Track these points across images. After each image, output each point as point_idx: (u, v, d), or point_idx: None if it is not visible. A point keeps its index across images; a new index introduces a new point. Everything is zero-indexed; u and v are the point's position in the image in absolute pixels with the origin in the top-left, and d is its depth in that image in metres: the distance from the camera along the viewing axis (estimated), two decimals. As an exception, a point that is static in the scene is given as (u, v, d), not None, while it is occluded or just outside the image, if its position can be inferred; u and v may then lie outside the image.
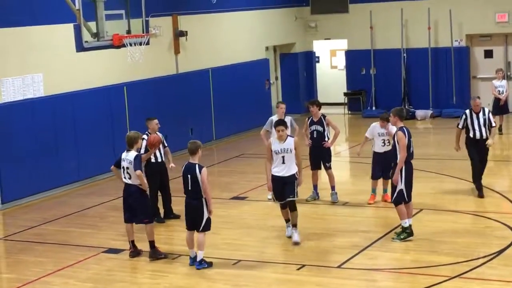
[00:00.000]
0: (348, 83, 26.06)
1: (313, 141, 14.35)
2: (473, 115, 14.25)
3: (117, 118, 17.94)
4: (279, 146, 11.81)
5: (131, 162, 11.41)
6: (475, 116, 14.22)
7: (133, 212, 11.59)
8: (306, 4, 26.21)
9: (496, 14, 23.67)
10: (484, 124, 14.19)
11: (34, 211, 15.05)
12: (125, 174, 11.54)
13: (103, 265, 11.52)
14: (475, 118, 14.21)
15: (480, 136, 14.23)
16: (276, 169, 11.87)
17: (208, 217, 11.01)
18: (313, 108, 14.24)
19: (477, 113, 14.23)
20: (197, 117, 20.66)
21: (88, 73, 17.34)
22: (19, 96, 15.74)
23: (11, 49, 15.60)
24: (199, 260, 11.05)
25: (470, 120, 14.25)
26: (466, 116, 14.30)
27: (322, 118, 14.25)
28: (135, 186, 11.50)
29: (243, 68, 22.74)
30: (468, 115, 14.30)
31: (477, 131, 14.19)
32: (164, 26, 19.31)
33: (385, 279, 10.53)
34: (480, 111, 14.27)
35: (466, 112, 14.36)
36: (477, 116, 14.22)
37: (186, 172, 11.02)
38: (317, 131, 14.27)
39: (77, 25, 15.67)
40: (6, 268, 11.94)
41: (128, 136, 11.73)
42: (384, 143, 13.79)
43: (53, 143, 16.36)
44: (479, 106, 14.26)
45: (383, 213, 13.62)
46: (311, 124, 14.33)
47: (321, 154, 14.34)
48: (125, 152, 11.62)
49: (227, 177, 17.24)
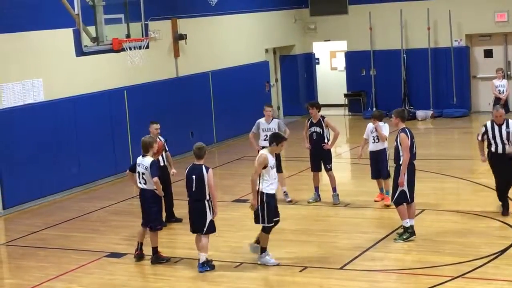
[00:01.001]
0: (348, 84, 26.05)
1: (313, 143, 14.35)
2: (494, 127, 12.61)
3: (117, 122, 17.93)
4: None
5: (147, 168, 11.36)
6: (497, 129, 12.59)
7: (148, 218, 11.56)
8: (305, 6, 26.21)
9: (495, 14, 23.67)
10: (508, 137, 12.54)
11: (35, 216, 15.05)
12: (140, 179, 11.47)
13: (105, 270, 11.51)
14: (497, 131, 12.57)
15: (503, 150, 12.63)
16: (274, 186, 11.11)
17: (211, 219, 11.00)
18: (313, 110, 14.26)
19: (499, 125, 12.62)
20: (197, 120, 20.66)
21: (88, 78, 17.34)
22: (20, 102, 15.74)
23: (11, 54, 15.60)
24: (202, 263, 11.05)
25: (491, 133, 12.62)
26: (486, 129, 12.67)
27: (321, 119, 14.26)
28: (150, 191, 11.45)
29: (243, 71, 22.73)
30: (489, 128, 12.65)
31: (500, 145, 12.58)
32: (164, 29, 19.29)
33: (387, 280, 10.52)
34: (503, 122, 12.61)
35: (487, 124, 12.69)
36: (499, 128, 12.59)
37: (191, 173, 10.98)
38: (317, 132, 14.28)
39: (76, 30, 15.64)
40: (9, 274, 11.94)
41: (143, 141, 11.65)
42: (374, 139, 13.87)
43: (53, 148, 16.35)
44: (502, 117, 12.63)
45: (385, 214, 13.61)
46: (311, 126, 14.35)
47: (321, 155, 14.35)
48: (141, 157, 11.57)
49: (228, 180, 17.23)
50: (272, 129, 14.37)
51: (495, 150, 12.62)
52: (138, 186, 11.60)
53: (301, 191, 15.15)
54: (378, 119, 13.86)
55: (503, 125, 12.54)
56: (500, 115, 12.54)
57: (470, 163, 17.25)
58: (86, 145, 17.11)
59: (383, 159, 13.87)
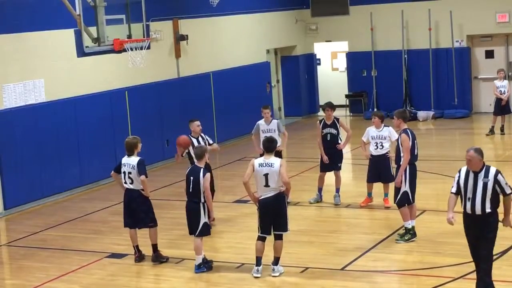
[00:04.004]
0: (350, 85, 26.05)
1: (326, 144, 14.30)
2: (469, 174, 8.93)
3: (118, 123, 17.94)
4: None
5: (134, 167, 11.38)
6: (472, 177, 8.91)
7: (136, 218, 11.55)
8: (306, 7, 26.22)
9: (496, 15, 23.67)
10: (485, 191, 8.80)
11: (36, 217, 15.05)
12: (126, 179, 11.48)
13: (106, 270, 11.52)
14: (471, 179, 8.90)
15: (473, 210, 8.93)
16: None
17: (205, 222, 10.97)
18: (329, 111, 14.20)
19: (475, 173, 8.90)
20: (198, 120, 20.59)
21: (89, 78, 17.35)
22: (21, 102, 15.75)
23: (12, 55, 15.61)
24: (198, 264, 11.05)
25: (463, 182, 8.94)
26: (459, 176, 9.04)
27: (336, 121, 14.24)
28: (137, 191, 11.46)
29: (244, 72, 22.74)
30: (462, 174, 9.01)
31: (470, 201, 8.90)
32: (165, 30, 19.31)
33: (388, 281, 10.53)
34: (482, 169, 8.89)
35: (461, 170, 9.05)
36: (474, 177, 8.89)
37: (190, 174, 11.01)
38: (331, 134, 14.26)
39: (77, 30, 15.63)
40: (10, 274, 11.94)
41: (127, 142, 11.64)
42: (376, 146, 13.79)
43: (54, 148, 16.36)
44: (473, 162, 8.82)
45: (385, 215, 13.61)
46: (324, 127, 14.29)
47: (334, 155, 14.31)
48: (126, 157, 11.57)
49: (229, 180, 17.24)
50: (271, 130, 14.40)
51: (463, 207, 9.07)
52: (123, 186, 11.58)
53: (302, 192, 15.15)
54: (380, 118, 13.80)
55: (480, 173, 8.89)
56: (469, 158, 8.85)
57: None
58: (87, 146, 17.12)
59: (386, 165, 13.77)
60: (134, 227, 11.64)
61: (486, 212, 8.87)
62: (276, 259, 10.73)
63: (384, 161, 13.71)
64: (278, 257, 10.71)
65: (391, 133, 13.59)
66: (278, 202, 10.52)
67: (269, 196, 10.50)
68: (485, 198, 8.82)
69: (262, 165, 10.53)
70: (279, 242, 10.65)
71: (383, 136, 13.67)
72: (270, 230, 10.65)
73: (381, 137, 13.68)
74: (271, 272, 10.70)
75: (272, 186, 10.47)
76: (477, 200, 8.84)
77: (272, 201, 10.50)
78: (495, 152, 19.51)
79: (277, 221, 10.58)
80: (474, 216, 8.93)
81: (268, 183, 10.47)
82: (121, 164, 11.58)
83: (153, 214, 11.72)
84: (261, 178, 10.50)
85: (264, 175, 10.48)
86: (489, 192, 8.80)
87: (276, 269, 10.71)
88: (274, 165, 10.46)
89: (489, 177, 8.82)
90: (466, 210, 8.96)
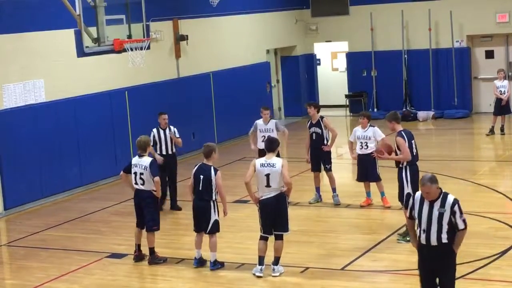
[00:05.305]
0: (349, 85, 26.04)
1: (312, 143, 14.36)
2: (424, 202, 8.06)
3: (118, 123, 17.94)
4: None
5: (146, 167, 11.33)
6: (426, 205, 8.05)
7: (143, 218, 11.55)
8: (306, 7, 26.22)
9: (496, 15, 23.66)
10: (440, 222, 7.94)
11: (37, 217, 15.05)
12: (138, 179, 11.41)
13: (106, 270, 11.52)
14: (425, 208, 8.05)
15: (428, 241, 8.04)
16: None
17: (215, 219, 11.00)
18: (310, 109, 14.29)
19: (430, 202, 8.01)
20: (198, 121, 20.65)
21: (89, 79, 17.34)
22: (21, 102, 15.75)
23: (12, 55, 15.61)
24: (213, 261, 11.07)
25: (418, 211, 8.12)
26: (413, 203, 8.23)
27: (320, 120, 14.27)
28: (148, 192, 11.42)
29: (244, 72, 22.74)
30: (416, 202, 8.16)
31: (425, 233, 8.04)
32: (165, 30, 19.31)
33: (389, 281, 10.52)
34: (438, 197, 7.99)
35: (416, 197, 8.20)
36: (430, 205, 8.02)
37: (199, 172, 10.97)
38: (316, 133, 14.30)
39: (77, 31, 15.66)
40: (10, 274, 11.94)
41: (140, 141, 11.59)
42: (361, 146, 13.93)
43: (55, 148, 16.36)
44: (431, 194, 7.94)
45: (385, 215, 13.61)
46: (310, 126, 14.37)
47: (321, 156, 14.36)
48: (137, 157, 11.52)
49: (229, 180, 17.18)
50: (269, 129, 14.44)
51: (419, 237, 8.21)
52: (133, 187, 11.54)
53: (302, 192, 15.14)
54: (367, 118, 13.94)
55: (436, 202, 8.00)
56: (428, 191, 7.95)
57: (471, 164, 17.26)
58: (87, 146, 17.11)
59: (372, 162, 13.84)
60: (141, 227, 11.62)
61: (442, 242, 8.00)
62: (276, 259, 10.74)
63: (370, 161, 13.78)
64: (279, 257, 10.72)
65: (375, 133, 13.81)
66: (278, 203, 10.54)
67: (270, 197, 10.52)
68: (441, 229, 7.96)
69: (263, 165, 10.54)
70: (279, 242, 10.66)
71: (367, 136, 13.84)
72: (271, 230, 10.67)
73: (366, 137, 13.86)
74: (271, 272, 10.71)
75: (273, 186, 10.48)
76: (432, 231, 7.98)
77: (273, 201, 10.51)
78: (495, 152, 19.53)
79: (278, 222, 10.60)
80: (429, 247, 8.05)
81: (269, 184, 10.48)
82: (131, 165, 11.54)
83: (159, 216, 11.71)
84: (262, 178, 10.51)
85: (265, 175, 10.49)
86: (445, 222, 7.94)
87: (276, 269, 10.72)
88: (276, 166, 10.47)
89: (445, 207, 7.93)
90: (420, 241, 8.12)
